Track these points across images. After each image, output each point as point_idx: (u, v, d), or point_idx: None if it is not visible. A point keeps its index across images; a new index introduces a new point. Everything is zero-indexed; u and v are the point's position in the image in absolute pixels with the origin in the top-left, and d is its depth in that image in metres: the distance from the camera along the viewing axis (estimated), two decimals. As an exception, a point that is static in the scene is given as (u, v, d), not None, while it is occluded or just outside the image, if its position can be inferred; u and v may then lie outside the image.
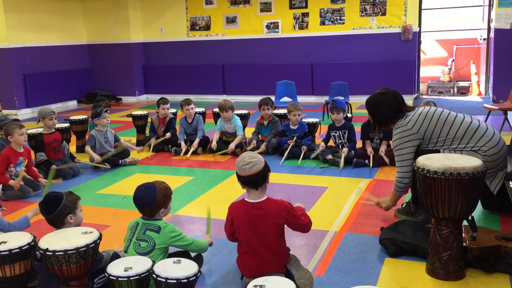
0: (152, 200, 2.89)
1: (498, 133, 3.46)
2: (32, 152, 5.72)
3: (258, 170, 2.77)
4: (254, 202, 2.83)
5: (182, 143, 6.32)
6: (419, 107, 3.95)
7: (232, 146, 6.12)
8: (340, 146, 5.66)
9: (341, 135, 5.67)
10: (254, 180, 2.79)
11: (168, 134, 6.47)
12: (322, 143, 5.69)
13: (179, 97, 11.35)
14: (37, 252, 2.66)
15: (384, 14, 10.53)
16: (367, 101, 3.80)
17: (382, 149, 5.38)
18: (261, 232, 2.79)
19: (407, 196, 4.38)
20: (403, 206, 3.93)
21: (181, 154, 6.23)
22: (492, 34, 9.71)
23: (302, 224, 2.88)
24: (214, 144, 6.20)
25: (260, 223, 2.79)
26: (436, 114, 3.49)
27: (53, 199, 2.89)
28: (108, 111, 6.02)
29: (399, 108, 3.63)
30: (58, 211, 2.83)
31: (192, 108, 6.44)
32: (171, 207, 3.09)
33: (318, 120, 6.40)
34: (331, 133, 5.75)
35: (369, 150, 5.37)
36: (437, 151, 3.46)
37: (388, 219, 3.87)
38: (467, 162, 2.87)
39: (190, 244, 2.97)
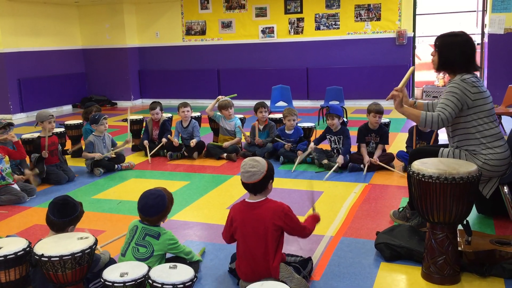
0: (163, 208, 2.91)
1: (509, 151, 3.43)
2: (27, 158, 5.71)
3: (256, 180, 2.79)
4: (253, 201, 2.86)
5: (175, 139, 6.40)
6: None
7: (227, 143, 6.20)
8: (335, 151, 5.67)
9: (336, 140, 5.68)
10: (252, 188, 2.84)
11: (164, 140, 6.46)
12: (312, 144, 5.70)
13: (175, 102, 11.37)
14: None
15: (379, 19, 10.58)
16: (440, 39, 3.45)
17: (376, 156, 5.38)
18: (259, 234, 2.80)
19: (403, 201, 4.40)
20: (400, 210, 3.94)
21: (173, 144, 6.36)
22: (486, 39, 9.78)
23: (300, 230, 2.89)
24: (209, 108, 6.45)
25: (258, 223, 2.80)
26: (491, 105, 3.39)
27: (72, 205, 2.87)
28: (107, 118, 5.98)
29: (472, 56, 3.39)
30: (69, 219, 2.82)
31: (188, 111, 6.43)
32: None
33: (314, 124, 6.42)
34: (327, 136, 5.76)
35: (366, 158, 5.35)
36: (433, 149, 3.47)
37: (383, 223, 3.88)
38: (462, 166, 2.89)
39: (183, 251, 2.98)
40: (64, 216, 2.82)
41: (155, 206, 2.89)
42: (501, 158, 3.35)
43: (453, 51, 3.38)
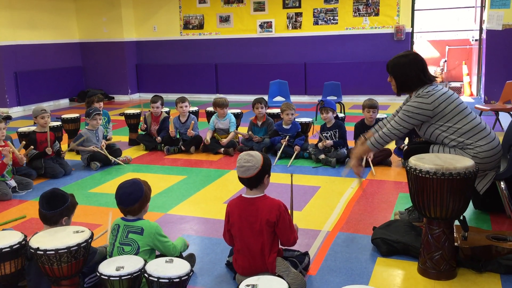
0: (141, 194, 2.82)
1: (498, 138, 3.44)
2: (23, 150, 5.69)
3: (251, 175, 2.77)
4: (250, 197, 2.85)
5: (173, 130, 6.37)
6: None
7: (225, 141, 6.16)
8: (331, 146, 5.66)
9: (332, 135, 5.67)
10: (248, 182, 2.82)
11: (158, 139, 6.44)
12: (320, 144, 5.67)
13: (172, 96, 11.34)
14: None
15: (377, 14, 10.56)
16: (391, 64, 3.60)
17: (371, 153, 5.36)
18: (255, 229, 2.79)
19: (400, 197, 4.40)
20: (409, 212, 3.78)
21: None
22: (484, 35, 9.77)
23: (289, 233, 2.83)
24: (207, 140, 6.22)
25: (254, 219, 2.79)
26: (456, 102, 3.41)
27: (60, 197, 2.84)
28: (100, 113, 5.95)
29: (423, 70, 3.50)
30: (60, 210, 2.80)
31: (186, 106, 6.41)
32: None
33: (311, 119, 6.40)
34: (323, 134, 5.74)
35: None
36: (427, 146, 3.46)
37: (380, 218, 3.88)
38: (459, 162, 2.88)
39: (169, 249, 2.87)
40: (54, 207, 2.80)
41: (133, 193, 2.81)
42: (488, 149, 3.34)
43: (406, 71, 3.50)
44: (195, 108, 7.07)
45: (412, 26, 10.60)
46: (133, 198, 2.81)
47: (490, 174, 3.48)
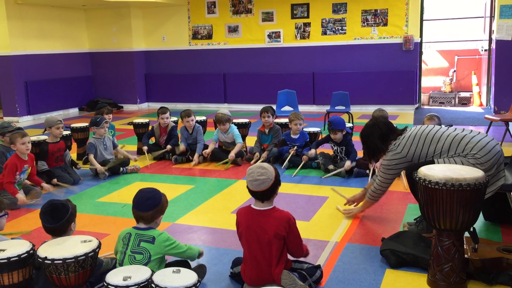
0: (159, 202, 2.89)
1: (487, 138, 3.38)
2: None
3: (266, 188, 2.76)
4: (260, 209, 2.84)
5: (182, 145, 6.34)
6: (423, 121, 3.97)
7: (232, 154, 6.07)
8: (338, 157, 5.62)
9: (339, 150, 5.64)
10: (260, 195, 2.81)
11: (169, 146, 6.44)
12: (312, 151, 5.65)
13: (181, 106, 11.40)
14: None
15: (385, 24, 10.56)
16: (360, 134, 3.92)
17: (381, 161, 5.31)
18: (263, 241, 2.78)
19: (409, 208, 4.36)
20: (416, 223, 3.76)
21: (178, 152, 6.33)
22: (493, 45, 9.73)
23: (298, 245, 2.87)
24: (207, 152, 6.22)
25: (262, 231, 2.78)
26: (424, 135, 3.52)
27: (61, 207, 2.86)
28: (108, 122, 6.01)
29: (388, 134, 3.71)
30: (66, 219, 2.81)
31: (192, 120, 6.39)
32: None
33: (319, 129, 6.40)
34: (330, 143, 5.70)
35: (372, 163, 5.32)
36: (431, 162, 3.44)
37: (389, 229, 3.85)
38: (469, 173, 2.85)
39: (184, 251, 2.94)
40: (60, 218, 2.82)
41: (151, 199, 2.86)
42: (479, 149, 3.29)
43: (368, 142, 3.81)
44: (203, 118, 7.09)
45: (421, 36, 10.59)
46: (149, 204, 2.86)
47: (494, 184, 3.39)
